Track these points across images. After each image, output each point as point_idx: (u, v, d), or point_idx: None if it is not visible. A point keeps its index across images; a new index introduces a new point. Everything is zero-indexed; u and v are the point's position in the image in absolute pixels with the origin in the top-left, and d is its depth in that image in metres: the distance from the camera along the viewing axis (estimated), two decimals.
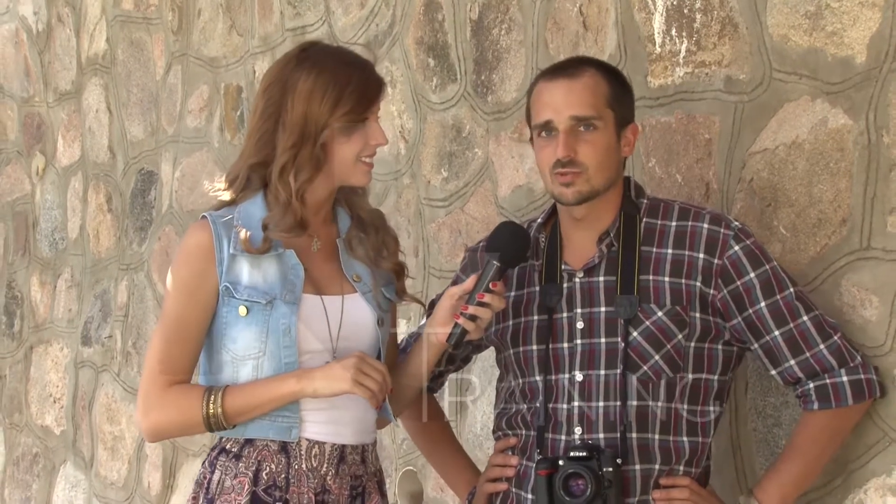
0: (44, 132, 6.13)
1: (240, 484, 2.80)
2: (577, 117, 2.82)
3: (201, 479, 2.85)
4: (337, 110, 2.78)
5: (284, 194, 2.80)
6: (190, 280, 2.82)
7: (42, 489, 6.00)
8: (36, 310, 6.11)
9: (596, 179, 2.83)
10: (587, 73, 2.85)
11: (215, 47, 5.00)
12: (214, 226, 2.81)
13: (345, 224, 2.92)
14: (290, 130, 2.79)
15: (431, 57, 4.02)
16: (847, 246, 2.88)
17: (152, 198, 5.37)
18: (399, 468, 4.06)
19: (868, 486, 2.85)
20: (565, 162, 2.82)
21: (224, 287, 2.80)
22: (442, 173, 3.99)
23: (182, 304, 2.82)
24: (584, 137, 2.82)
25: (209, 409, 2.78)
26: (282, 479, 2.80)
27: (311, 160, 2.80)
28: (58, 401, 5.93)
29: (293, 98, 2.79)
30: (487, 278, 2.81)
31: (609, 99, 2.84)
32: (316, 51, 2.87)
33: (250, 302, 2.79)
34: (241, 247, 2.79)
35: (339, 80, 2.79)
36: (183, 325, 2.82)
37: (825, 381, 2.79)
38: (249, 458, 2.81)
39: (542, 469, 2.80)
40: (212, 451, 2.87)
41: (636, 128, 2.91)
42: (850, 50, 2.88)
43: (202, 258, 2.81)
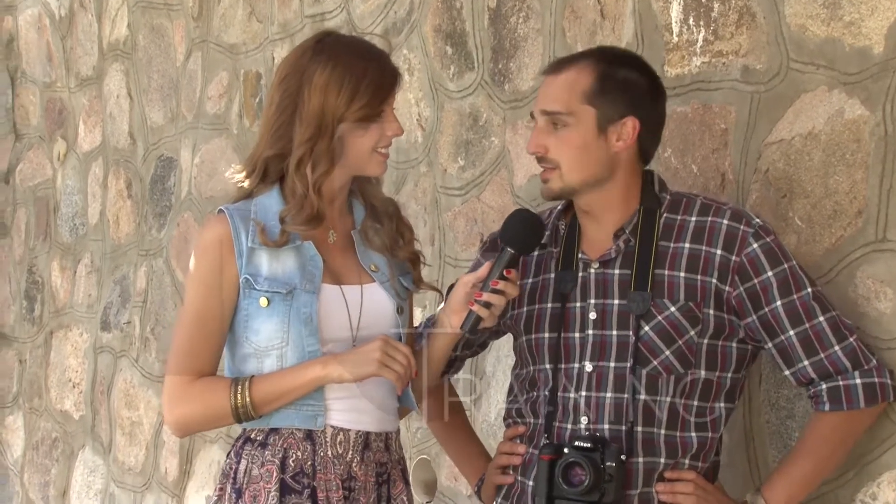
0: (65, 117, 6.15)
1: (268, 472, 2.80)
2: (546, 111, 2.82)
3: (227, 470, 2.85)
4: (354, 104, 2.78)
5: (301, 187, 2.80)
6: (209, 274, 2.82)
7: (61, 474, 6.02)
8: (56, 295, 6.13)
9: (570, 177, 2.81)
10: (575, 67, 2.83)
11: (235, 34, 5.00)
12: (232, 219, 2.81)
13: (360, 215, 2.92)
14: (307, 123, 2.78)
15: (449, 45, 4.01)
16: (862, 238, 2.86)
17: (172, 184, 5.38)
18: (413, 457, 4.05)
19: (881, 480, 2.83)
20: (538, 158, 2.83)
21: (244, 279, 2.80)
22: (458, 162, 3.98)
23: (202, 298, 2.82)
24: (555, 134, 2.81)
25: (237, 399, 2.77)
26: (308, 467, 2.80)
27: (328, 153, 2.79)
28: (77, 386, 5.95)
29: (309, 90, 2.78)
30: (501, 265, 2.81)
31: (589, 94, 2.80)
32: (332, 41, 2.85)
33: (271, 293, 2.79)
34: (258, 240, 2.79)
35: (356, 73, 2.78)
36: (204, 320, 2.82)
37: (838, 382, 2.76)
38: (276, 446, 2.81)
39: (546, 454, 2.79)
40: (237, 442, 2.87)
41: (635, 122, 2.82)
42: (868, 40, 2.85)
43: (220, 252, 2.80)
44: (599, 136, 2.81)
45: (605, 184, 2.84)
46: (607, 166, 2.84)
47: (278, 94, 2.83)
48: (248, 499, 2.79)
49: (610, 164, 2.84)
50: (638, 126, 2.83)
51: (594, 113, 2.80)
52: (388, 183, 4.18)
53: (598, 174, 2.83)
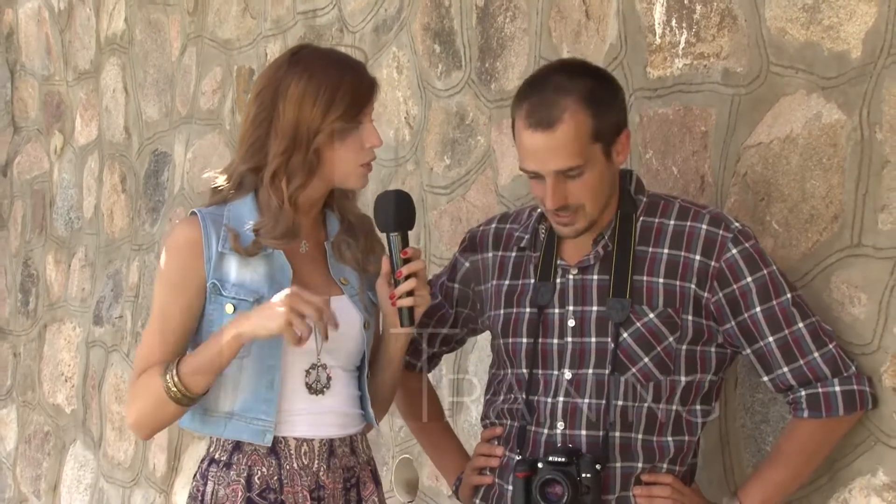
0: (63, 111, 6.15)
1: (233, 492, 2.79)
2: (561, 171, 2.73)
3: (195, 493, 2.84)
4: (329, 114, 2.75)
5: (276, 200, 2.77)
6: (175, 275, 2.80)
7: (52, 467, 6.03)
8: (50, 288, 6.13)
9: (593, 211, 2.78)
10: (566, 113, 2.71)
11: (229, 29, 4.99)
12: (203, 222, 2.79)
13: (333, 227, 2.90)
14: (282, 136, 2.75)
15: (437, 43, 4.00)
16: (838, 242, 2.85)
17: (165, 179, 5.38)
18: (396, 456, 4.05)
19: (853, 486, 2.82)
20: (557, 209, 2.77)
21: (211, 284, 2.78)
22: (445, 160, 3.97)
23: (166, 299, 2.81)
24: (573, 182, 2.74)
25: (168, 382, 2.74)
26: (275, 482, 2.79)
27: (304, 166, 2.77)
28: (69, 380, 5.95)
29: (284, 103, 2.75)
30: (397, 253, 2.79)
31: (593, 133, 2.73)
32: (306, 53, 2.83)
33: (237, 300, 2.77)
34: (230, 246, 2.77)
35: (331, 84, 2.75)
36: (166, 321, 2.80)
37: (817, 389, 2.75)
38: (240, 464, 2.79)
39: (521, 471, 2.78)
40: (202, 463, 2.86)
41: (628, 132, 2.81)
42: (846, 45, 2.84)
43: (189, 254, 2.78)
44: (608, 164, 2.79)
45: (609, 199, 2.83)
46: (613, 184, 2.83)
47: (254, 107, 2.80)
48: None
49: (614, 179, 2.83)
50: (629, 132, 2.83)
51: (600, 147, 2.77)
52: (375, 181, 4.17)
53: (610, 194, 2.82)
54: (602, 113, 2.76)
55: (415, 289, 2.78)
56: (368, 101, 2.80)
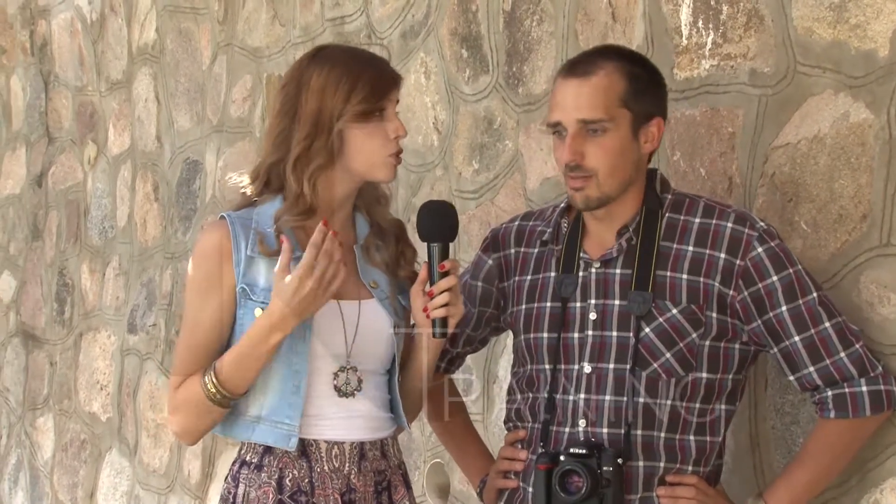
0: (96, 121, 6.19)
1: (264, 494, 2.79)
2: (584, 121, 2.75)
3: (226, 495, 2.84)
4: (351, 99, 2.77)
5: (296, 184, 2.79)
6: (205, 281, 2.80)
7: (89, 475, 6.06)
8: (85, 297, 6.17)
9: (607, 184, 2.77)
10: (602, 70, 2.77)
11: (258, 37, 5.01)
12: (232, 226, 2.79)
13: (363, 230, 2.90)
14: (304, 123, 2.78)
15: (465, 48, 4.00)
16: (867, 242, 2.83)
17: (197, 187, 5.40)
18: (427, 460, 4.05)
19: (884, 486, 2.80)
20: (573, 166, 2.77)
21: (241, 289, 2.78)
22: (473, 165, 3.97)
23: (197, 306, 2.81)
24: (593, 140, 2.75)
25: (207, 386, 2.75)
26: (306, 484, 2.79)
27: (325, 149, 2.78)
28: (104, 388, 5.98)
29: (307, 94, 2.78)
30: (435, 262, 2.78)
31: (624, 97, 2.76)
32: (330, 49, 2.89)
33: (266, 304, 2.76)
34: (258, 249, 2.78)
35: (353, 72, 2.78)
36: (198, 327, 2.80)
37: (844, 389, 2.74)
38: (271, 466, 2.80)
39: (542, 463, 2.77)
40: (233, 466, 2.86)
41: (661, 122, 2.81)
42: (874, 43, 2.82)
43: (218, 259, 2.79)
44: (633, 140, 2.78)
45: (630, 187, 2.82)
46: (636, 169, 2.82)
47: (279, 100, 2.83)
48: None
49: (638, 166, 2.82)
50: (662, 126, 2.82)
51: (630, 116, 2.77)
52: (404, 186, 4.18)
53: (630, 178, 2.80)
54: (638, 89, 2.78)
55: (449, 302, 2.78)
56: (390, 89, 2.82)
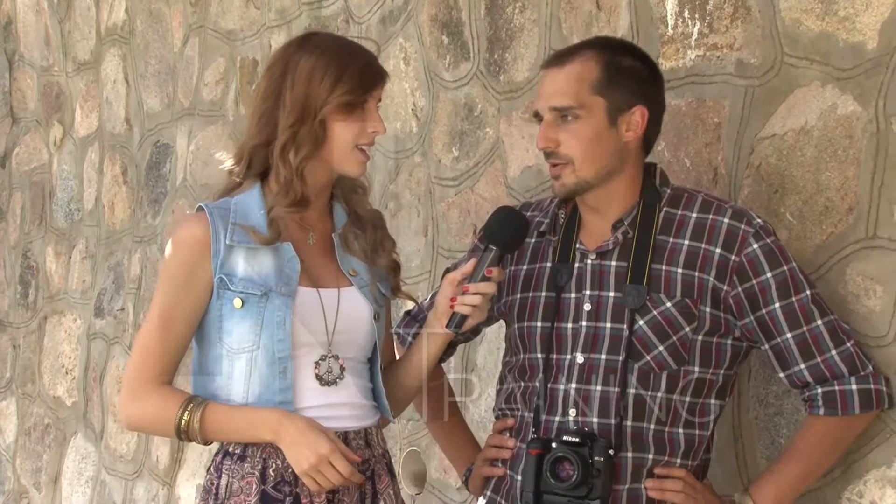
0: (62, 102, 6.13)
1: (248, 485, 2.78)
2: (555, 108, 2.78)
3: (209, 486, 2.83)
4: (337, 89, 2.76)
5: (285, 172, 2.78)
6: (181, 273, 2.79)
7: (53, 460, 6.01)
8: (50, 280, 6.12)
9: (584, 171, 2.78)
10: (579, 59, 2.79)
11: (232, 20, 4.98)
12: (212, 217, 2.78)
13: (341, 219, 2.90)
14: (291, 108, 2.77)
15: (445, 34, 3.99)
16: (853, 234, 2.84)
17: (167, 170, 5.36)
18: (403, 448, 4.04)
19: (868, 478, 2.81)
20: (548, 153, 2.79)
21: (219, 279, 2.77)
22: (453, 152, 3.96)
23: (172, 297, 2.79)
24: (565, 128, 2.78)
25: (184, 416, 2.74)
26: (289, 474, 2.78)
27: (311, 137, 2.78)
28: (70, 372, 5.93)
29: (294, 77, 2.78)
30: (484, 265, 2.79)
31: (598, 85, 2.77)
32: (321, 37, 2.88)
33: (245, 294, 2.76)
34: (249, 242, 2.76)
35: (341, 62, 2.78)
36: (173, 319, 2.79)
37: (834, 387, 2.75)
38: (254, 457, 2.78)
39: (534, 448, 2.77)
40: (216, 457, 2.85)
41: (644, 110, 2.81)
42: (862, 35, 2.83)
43: (196, 251, 2.77)
44: (611, 128, 2.79)
45: (615, 176, 2.81)
46: (619, 157, 2.81)
47: (264, 82, 2.83)
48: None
49: (621, 155, 2.81)
50: (647, 114, 2.81)
51: (604, 104, 2.78)
52: (382, 172, 4.16)
53: (610, 166, 2.80)
54: (617, 75, 2.79)
55: (478, 305, 2.79)
56: (376, 84, 2.82)
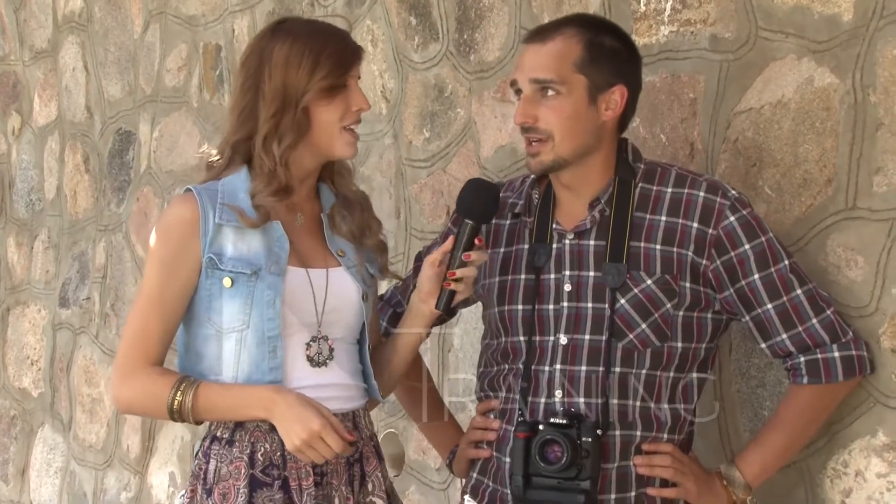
0: (20, 91, 6.07)
1: (236, 469, 2.77)
2: (536, 80, 2.78)
3: (197, 471, 2.82)
4: (315, 74, 2.76)
5: (269, 162, 2.77)
6: (171, 254, 2.78)
7: (20, 452, 5.97)
8: (13, 271, 6.06)
9: (562, 147, 2.78)
10: (561, 35, 2.79)
11: (194, 5, 4.94)
12: (200, 198, 2.77)
13: (328, 200, 2.90)
14: (271, 100, 2.77)
15: (413, 15, 3.97)
16: (833, 206, 2.86)
17: (130, 158, 5.32)
18: (381, 430, 4.03)
19: (853, 447, 2.84)
20: (526, 128, 2.79)
21: (208, 258, 2.76)
22: (424, 133, 3.95)
23: (162, 278, 2.79)
24: (545, 103, 2.78)
25: (177, 396, 2.74)
26: (278, 458, 2.77)
27: (293, 126, 2.77)
28: (35, 363, 5.89)
29: (270, 68, 2.77)
30: (465, 238, 2.79)
31: (580, 63, 2.77)
32: (290, 22, 2.87)
33: (235, 273, 2.76)
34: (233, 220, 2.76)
35: (316, 45, 2.77)
36: (162, 301, 2.78)
37: (816, 355, 2.77)
38: (242, 441, 2.78)
39: (521, 432, 2.78)
40: (204, 441, 2.84)
41: (624, 89, 2.81)
42: (837, 8, 2.85)
43: (185, 232, 2.77)
44: (590, 106, 2.79)
45: (591, 154, 2.82)
46: (596, 136, 2.81)
47: (241, 76, 2.82)
48: (218, 498, 2.76)
49: (598, 133, 2.81)
50: (626, 94, 2.81)
51: (585, 82, 2.78)
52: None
53: (588, 144, 2.80)
54: (598, 55, 2.79)
55: (467, 278, 2.79)
56: (353, 62, 2.82)
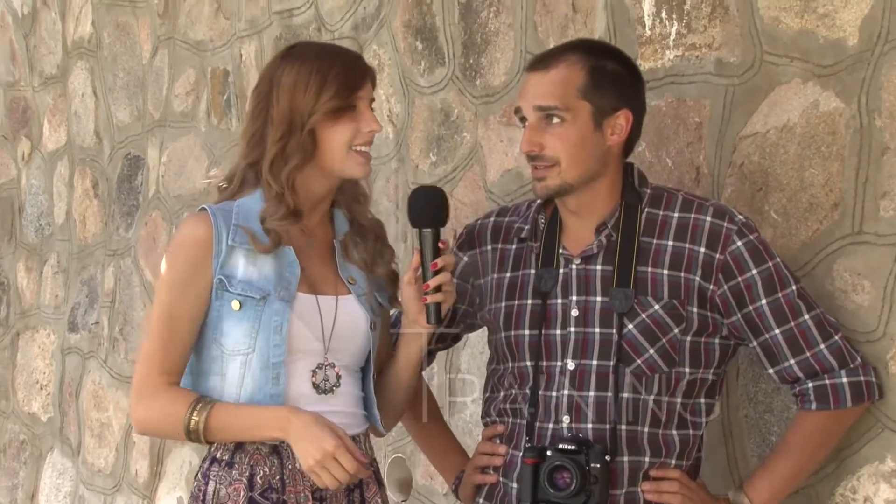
0: (29, 117, 6.09)
1: (235, 491, 2.76)
2: (541, 107, 2.77)
3: (196, 492, 2.81)
4: (322, 95, 2.75)
5: (276, 186, 2.77)
6: (184, 273, 2.78)
7: (29, 476, 5.97)
8: (22, 296, 6.07)
9: (569, 173, 2.78)
10: (565, 62, 2.79)
11: (202, 30, 4.95)
12: (214, 218, 2.77)
13: (341, 226, 2.89)
14: (278, 123, 2.77)
15: (419, 40, 3.98)
16: (839, 230, 2.85)
17: (139, 183, 5.33)
18: (388, 455, 4.03)
19: (861, 473, 2.82)
20: (532, 156, 2.79)
21: (218, 280, 2.76)
22: (430, 157, 3.95)
23: (176, 297, 2.78)
24: (550, 131, 2.77)
25: (192, 416, 2.73)
26: (277, 481, 2.77)
27: (299, 149, 2.76)
28: (44, 387, 5.89)
29: (278, 91, 2.77)
30: (428, 248, 2.77)
31: (584, 89, 2.77)
32: (301, 47, 2.87)
33: (243, 296, 2.75)
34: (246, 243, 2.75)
35: (322, 67, 2.77)
36: (176, 320, 2.77)
37: (825, 381, 2.75)
38: (242, 464, 2.77)
39: (529, 458, 2.76)
40: (203, 463, 2.83)
41: (629, 114, 2.81)
42: (842, 32, 2.84)
43: (199, 251, 2.76)
44: (595, 132, 2.79)
45: (597, 179, 2.81)
46: (602, 161, 2.81)
47: (252, 102, 2.83)
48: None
49: (604, 158, 2.81)
50: (631, 118, 2.81)
51: (589, 108, 2.78)
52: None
53: (594, 170, 2.80)
54: (601, 80, 2.79)
55: (445, 285, 2.77)
56: (361, 82, 2.80)
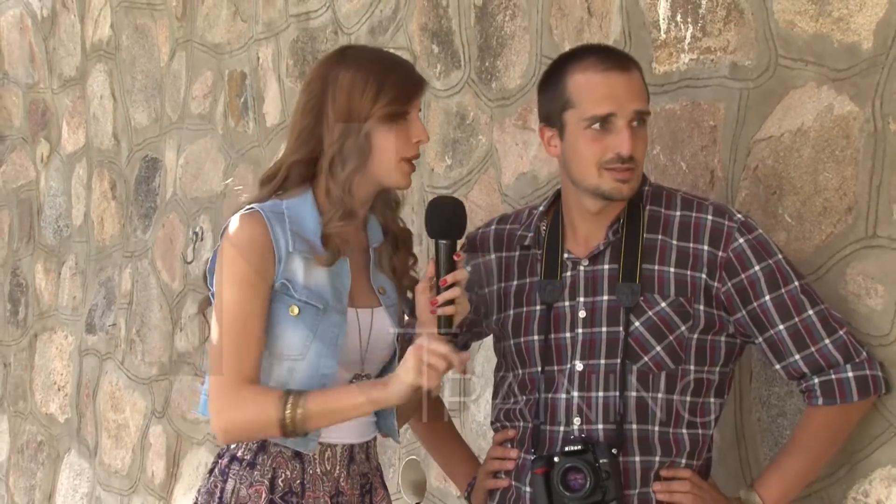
0: (48, 119, 6.12)
1: (256, 493, 2.76)
2: (639, 111, 2.77)
3: (212, 489, 2.80)
4: (379, 100, 2.75)
5: (335, 188, 2.76)
6: (249, 274, 2.73)
7: (46, 477, 5.99)
8: (40, 297, 6.10)
9: (640, 175, 2.81)
10: (634, 66, 2.81)
11: (219, 33, 4.97)
12: (269, 221, 2.75)
13: (374, 233, 2.89)
14: (335, 122, 2.77)
15: (435, 43, 3.99)
16: (853, 234, 2.85)
17: (156, 185, 5.35)
18: (402, 458, 4.03)
19: (873, 477, 2.82)
20: (627, 158, 2.76)
21: (281, 284, 2.74)
22: (446, 161, 3.96)
23: (245, 299, 2.73)
24: (637, 134, 2.77)
25: (288, 411, 2.68)
26: (297, 486, 2.78)
27: (357, 150, 2.76)
28: (62, 389, 5.92)
29: (335, 91, 2.76)
30: (443, 259, 2.77)
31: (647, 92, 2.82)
32: (356, 50, 2.88)
33: (304, 303, 2.74)
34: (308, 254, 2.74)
35: (380, 73, 2.77)
36: (248, 320, 2.73)
37: (830, 376, 2.76)
38: (264, 465, 2.77)
39: (538, 468, 2.77)
40: (220, 460, 2.82)
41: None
42: (857, 36, 2.84)
43: (260, 253, 2.73)
44: None
45: None
46: None
47: (304, 98, 2.81)
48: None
49: None
50: None
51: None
52: None
53: None
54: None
55: (458, 298, 2.76)
56: (416, 93, 2.81)
